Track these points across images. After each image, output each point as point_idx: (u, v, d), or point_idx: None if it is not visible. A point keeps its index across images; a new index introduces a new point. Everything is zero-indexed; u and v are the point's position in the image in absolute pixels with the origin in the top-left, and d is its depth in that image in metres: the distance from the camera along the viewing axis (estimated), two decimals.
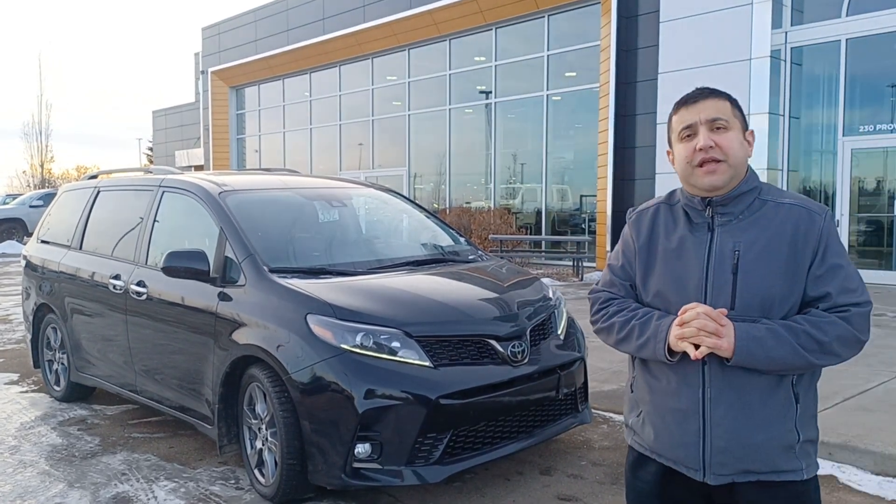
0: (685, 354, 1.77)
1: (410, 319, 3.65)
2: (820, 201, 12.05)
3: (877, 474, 3.95)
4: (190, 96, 32.46)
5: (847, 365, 6.06)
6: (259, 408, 3.82)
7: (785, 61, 11.98)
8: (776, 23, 11.69)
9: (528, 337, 3.88)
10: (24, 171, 46.02)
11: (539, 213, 16.57)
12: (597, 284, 2.09)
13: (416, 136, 19.65)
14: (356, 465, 3.43)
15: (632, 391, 2.01)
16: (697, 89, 1.87)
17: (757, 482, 1.80)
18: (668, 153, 1.95)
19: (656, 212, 1.96)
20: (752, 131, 1.88)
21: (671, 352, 1.79)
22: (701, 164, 1.80)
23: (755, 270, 1.76)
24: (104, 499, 3.85)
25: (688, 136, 1.83)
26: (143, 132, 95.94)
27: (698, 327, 1.71)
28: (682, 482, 1.89)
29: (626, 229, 2.03)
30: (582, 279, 12.90)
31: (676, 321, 1.77)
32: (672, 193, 1.97)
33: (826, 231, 1.78)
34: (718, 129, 1.79)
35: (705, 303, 1.77)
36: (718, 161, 1.78)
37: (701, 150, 1.79)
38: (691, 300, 1.79)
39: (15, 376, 6.55)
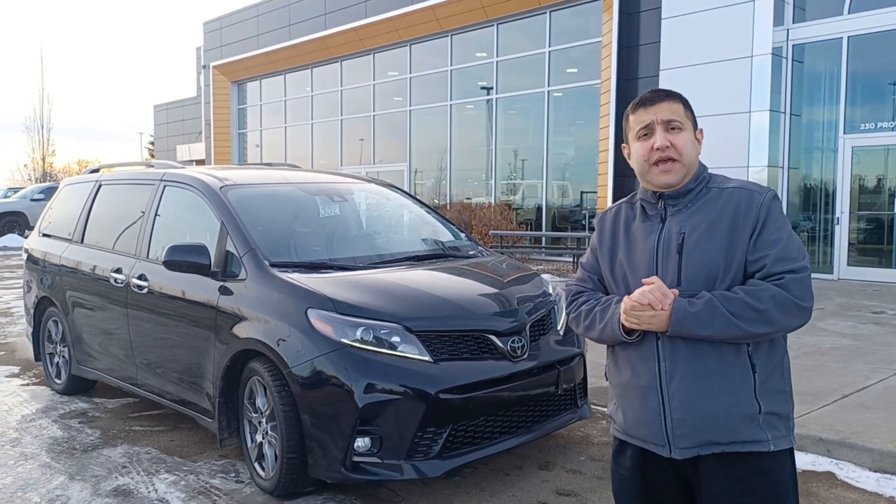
0: (645, 333, 1.89)
1: (410, 314, 3.66)
2: (820, 199, 12.15)
3: (875, 471, 3.96)
4: (191, 91, 32.44)
5: (846, 362, 6.10)
6: (259, 402, 3.83)
7: (786, 59, 11.97)
8: (778, 20, 11.67)
9: (528, 332, 3.89)
10: (25, 165, 45.96)
11: (539, 209, 16.57)
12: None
13: (417, 131, 19.64)
14: (356, 458, 3.44)
15: (606, 378, 2.13)
16: (653, 91, 1.99)
17: (721, 455, 1.86)
18: (624, 148, 2.07)
19: (618, 211, 2.11)
20: (702, 130, 2.01)
21: (629, 332, 1.90)
22: (657, 163, 1.92)
23: (697, 248, 1.88)
24: (105, 491, 3.86)
25: (645, 135, 1.95)
26: (144, 126, 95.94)
27: (637, 299, 1.83)
28: (656, 465, 1.96)
29: (595, 231, 2.18)
30: None
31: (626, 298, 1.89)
32: (633, 194, 2.11)
33: (766, 207, 1.88)
34: (673, 129, 1.92)
35: None
36: (674, 160, 1.91)
37: (658, 149, 1.91)
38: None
39: (16, 369, 6.57)
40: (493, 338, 3.73)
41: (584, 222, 15.64)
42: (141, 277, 4.68)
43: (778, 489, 1.88)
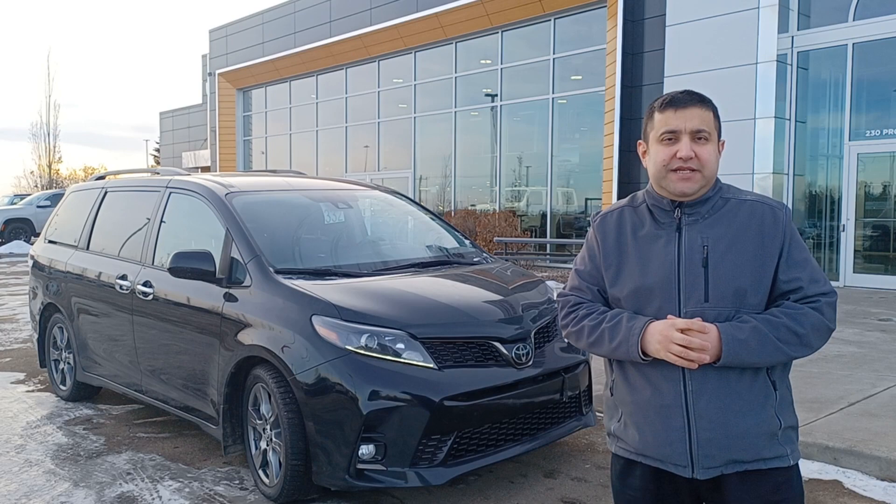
0: None
1: (415, 321, 3.65)
2: (826, 206, 12.13)
3: (882, 480, 3.94)
4: (197, 98, 32.58)
5: (852, 370, 6.07)
6: (264, 408, 3.83)
7: (791, 66, 11.96)
8: (783, 27, 11.68)
9: (533, 339, 3.88)
10: (31, 172, 46.10)
11: (544, 215, 16.58)
12: (564, 288, 2.10)
13: (421, 138, 19.68)
14: (360, 466, 3.43)
15: (611, 395, 2.01)
16: (686, 93, 1.88)
17: (744, 473, 1.83)
18: (640, 144, 1.97)
19: (621, 214, 2.00)
20: (724, 141, 1.93)
21: (645, 353, 1.82)
22: (676, 170, 1.84)
23: (724, 263, 1.82)
24: (109, 498, 3.86)
25: (669, 139, 1.85)
26: (150, 133, 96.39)
27: (684, 344, 1.75)
28: (671, 484, 1.90)
29: (590, 233, 2.07)
30: None
31: (663, 335, 1.78)
32: (634, 196, 2.02)
33: (789, 226, 1.87)
34: (700, 139, 1.83)
35: (679, 296, 1.83)
36: (694, 170, 1.83)
37: (681, 158, 1.82)
38: (666, 296, 1.84)
39: (21, 375, 6.58)
40: (498, 345, 3.72)
41: (588, 229, 15.59)
42: (146, 284, 4.69)
43: (798, 499, 1.89)
